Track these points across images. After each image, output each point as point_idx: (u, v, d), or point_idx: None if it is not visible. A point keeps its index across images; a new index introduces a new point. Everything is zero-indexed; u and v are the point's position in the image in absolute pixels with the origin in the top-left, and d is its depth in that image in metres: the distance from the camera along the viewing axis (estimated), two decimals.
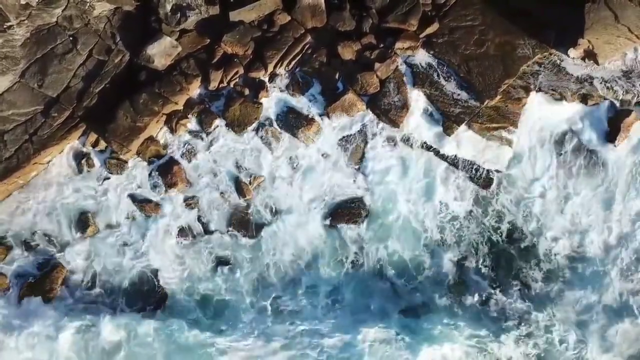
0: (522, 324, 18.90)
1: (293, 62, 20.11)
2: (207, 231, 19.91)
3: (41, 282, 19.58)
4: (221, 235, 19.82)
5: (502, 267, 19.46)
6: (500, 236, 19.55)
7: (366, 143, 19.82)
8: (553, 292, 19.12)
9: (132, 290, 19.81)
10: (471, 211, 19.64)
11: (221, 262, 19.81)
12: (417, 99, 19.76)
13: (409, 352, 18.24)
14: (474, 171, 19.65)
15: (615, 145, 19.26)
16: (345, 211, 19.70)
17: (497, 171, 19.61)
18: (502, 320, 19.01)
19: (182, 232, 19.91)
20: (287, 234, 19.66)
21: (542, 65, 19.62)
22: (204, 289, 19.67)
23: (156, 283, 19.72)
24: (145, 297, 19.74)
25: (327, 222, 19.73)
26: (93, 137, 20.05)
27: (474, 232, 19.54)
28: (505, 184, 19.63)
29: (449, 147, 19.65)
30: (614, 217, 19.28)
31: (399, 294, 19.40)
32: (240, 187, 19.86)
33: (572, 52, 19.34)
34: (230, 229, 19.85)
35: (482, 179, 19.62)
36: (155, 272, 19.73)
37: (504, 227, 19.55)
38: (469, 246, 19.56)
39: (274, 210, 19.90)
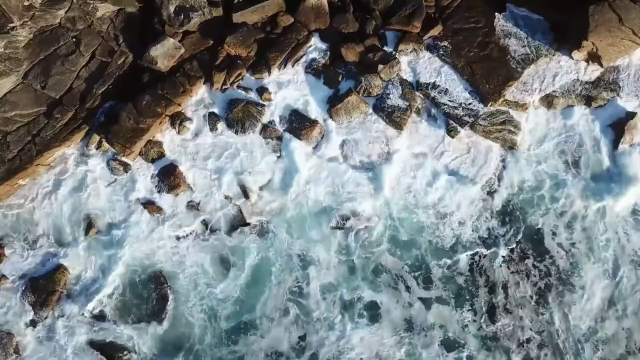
0: None
1: (296, 64, 20.11)
2: None
3: None
4: None
5: None
6: None
7: None
8: None
9: None
10: None
11: None
12: (421, 101, 19.73)
13: None
14: None
15: (618, 148, 19.23)
16: None
17: None
18: None
19: None
20: None
21: (545, 67, 19.61)
22: None
23: None
24: None
25: None
26: (96, 138, 20.00)
27: None
28: None
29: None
30: None
31: None
32: (244, 189, 19.80)
33: (575, 54, 19.30)
34: None
35: None
36: None
37: None
38: None
39: None
